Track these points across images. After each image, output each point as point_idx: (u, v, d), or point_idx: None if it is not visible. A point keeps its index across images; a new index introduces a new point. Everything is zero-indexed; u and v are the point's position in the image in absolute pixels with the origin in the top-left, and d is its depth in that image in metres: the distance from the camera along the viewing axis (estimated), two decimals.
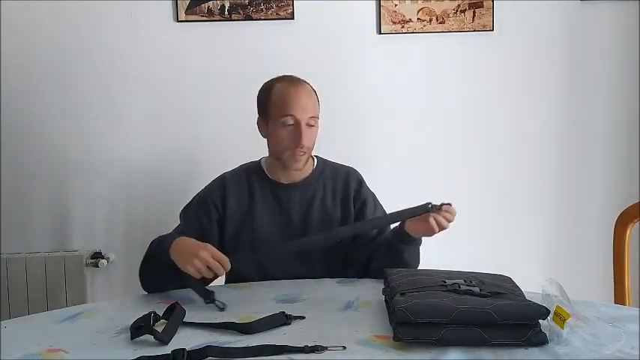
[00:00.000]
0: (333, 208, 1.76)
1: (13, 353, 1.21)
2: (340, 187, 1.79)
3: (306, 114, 1.67)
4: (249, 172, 1.79)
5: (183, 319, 1.33)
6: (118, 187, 2.38)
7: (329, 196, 1.77)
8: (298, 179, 1.76)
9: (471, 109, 2.49)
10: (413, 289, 1.27)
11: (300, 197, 1.75)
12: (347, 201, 1.78)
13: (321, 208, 1.76)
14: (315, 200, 1.76)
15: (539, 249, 2.57)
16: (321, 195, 1.77)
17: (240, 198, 1.75)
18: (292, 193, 1.75)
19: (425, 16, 2.39)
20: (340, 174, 1.81)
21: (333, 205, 1.77)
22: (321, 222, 1.74)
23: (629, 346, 1.16)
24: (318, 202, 1.76)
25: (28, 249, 2.33)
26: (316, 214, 1.75)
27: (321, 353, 1.17)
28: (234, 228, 1.73)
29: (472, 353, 1.15)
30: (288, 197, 1.75)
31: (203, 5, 2.31)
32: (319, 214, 1.75)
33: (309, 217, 1.74)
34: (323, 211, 1.75)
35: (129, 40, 2.32)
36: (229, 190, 1.75)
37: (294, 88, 1.69)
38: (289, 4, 2.33)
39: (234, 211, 1.74)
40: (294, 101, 1.67)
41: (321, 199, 1.77)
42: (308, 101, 1.68)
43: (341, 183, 1.79)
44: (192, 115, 2.38)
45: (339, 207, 1.77)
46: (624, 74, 2.50)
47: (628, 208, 1.71)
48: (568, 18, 2.47)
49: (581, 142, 2.55)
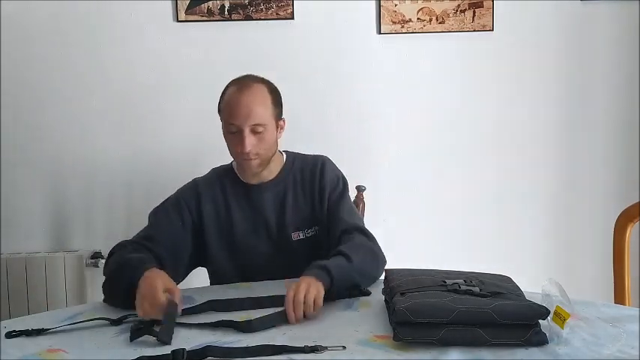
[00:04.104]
0: (304, 202, 1.75)
1: (13, 353, 1.21)
2: (308, 179, 1.76)
3: (249, 121, 1.62)
4: (220, 176, 1.77)
5: (179, 316, 1.32)
6: (118, 187, 2.38)
7: (299, 190, 1.75)
8: (267, 179, 1.74)
9: (470, 109, 2.48)
10: (413, 289, 1.27)
11: (273, 197, 1.74)
12: (314, 186, 1.75)
13: (293, 204, 1.74)
14: (287, 197, 1.74)
15: (539, 249, 2.57)
16: (292, 191, 1.75)
17: (216, 203, 1.73)
18: (264, 194, 1.73)
19: (425, 16, 2.39)
20: (307, 164, 1.78)
21: (304, 199, 1.75)
22: (296, 217, 1.73)
23: (629, 346, 1.16)
24: (290, 198, 1.74)
25: (28, 249, 2.33)
26: (290, 210, 1.73)
27: (321, 353, 1.17)
28: (213, 234, 1.71)
29: (472, 353, 1.15)
30: (260, 198, 1.73)
31: (203, 5, 2.31)
32: (293, 210, 1.73)
33: (284, 215, 1.73)
34: (295, 207, 1.74)
35: (129, 40, 2.32)
36: (204, 195, 1.73)
37: (239, 94, 1.64)
38: (289, 4, 2.33)
39: (212, 217, 1.72)
40: (236, 108, 1.63)
41: (293, 195, 1.74)
42: (254, 107, 1.62)
43: (308, 174, 1.76)
44: (192, 115, 2.38)
45: (309, 196, 1.75)
46: (624, 74, 2.50)
47: (628, 208, 1.71)
48: (568, 18, 2.47)
49: (582, 141, 2.55)
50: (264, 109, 1.64)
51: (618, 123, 2.54)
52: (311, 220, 1.73)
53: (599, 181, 2.56)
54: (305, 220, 1.73)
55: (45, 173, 2.35)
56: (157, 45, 2.33)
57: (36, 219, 2.37)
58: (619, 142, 2.55)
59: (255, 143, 1.64)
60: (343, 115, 2.42)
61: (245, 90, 1.65)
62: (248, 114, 1.62)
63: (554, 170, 2.56)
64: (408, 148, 2.47)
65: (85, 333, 1.31)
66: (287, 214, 1.73)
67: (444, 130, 2.49)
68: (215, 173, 1.80)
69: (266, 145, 1.66)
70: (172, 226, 1.69)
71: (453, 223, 2.50)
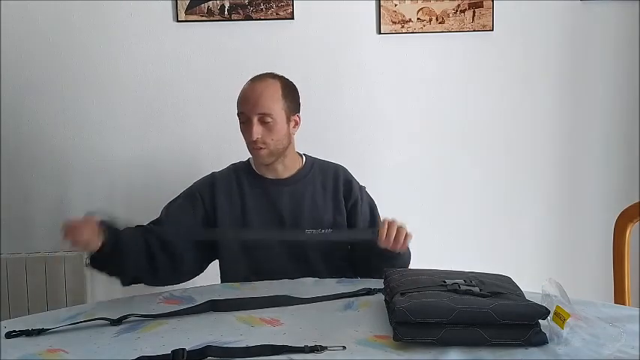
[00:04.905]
0: (324, 203, 1.77)
1: (13, 353, 1.21)
2: (330, 183, 1.80)
3: (255, 110, 1.68)
4: (237, 171, 1.81)
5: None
6: (118, 187, 2.38)
7: (319, 191, 1.78)
8: (284, 175, 1.78)
9: (470, 109, 2.49)
10: (413, 289, 1.27)
11: (290, 193, 1.76)
12: (337, 197, 1.79)
13: (311, 203, 1.76)
14: (306, 196, 1.77)
15: (539, 249, 2.57)
16: (311, 191, 1.78)
17: (231, 196, 1.76)
18: (281, 190, 1.76)
19: (425, 16, 2.39)
20: (329, 170, 1.83)
21: (323, 201, 1.78)
22: (313, 217, 1.75)
23: (629, 346, 1.16)
24: (308, 198, 1.77)
25: (28, 249, 2.33)
26: (307, 209, 1.76)
27: (321, 353, 1.17)
28: (227, 226, 1.73)
29: (472, 353, 1.15)
30: (277, 193, 1.76)
31: (203, 5, 2.31)
32: (310, 209, 1.76)
33: (300, 213, 1.75)
34: (314, 207, 1.76)
35: (129, 40, 2.32)
36: (219, 188, 1.76)
37: (251, 85, 1.71)
38: (289, 4, 2.33)
39: (227, 210, 1.74)
40: (245, 98, 1.70)
41: (312, 194, 1.77)
42: (262, 97, 1.68)
43: (331, 179, 1.81)
44: (192, 116, 2.38)
45: (330, 202, 1.78)
46: (624, 74, 2.50)
47: (628, 208, 1.71)
48: (568, 18, 2.47)
49: (582, 141, 2.55)
50: (272, 100, 1.69)
51: (618, 123, 2.54)
52: (327, 222, 1.76)
53: (599, 181, 2.56)
54: (320, 220, 1.75)
55: (45, 173, 2.35)
56: (156, 45, 2.33)
57: (36, 219, 2.37)
58: (619, 142, 2.55)
59: (263, 133, 1.68)
60: (343, 115, 2.41)
61: (257, 81, 1.72)
62: (255, 102, 1.68)
63: (554, 170, 2.56)
64: (408, 148, 2.47)
65: (85, 333, 1.31)
66: (303, 212, 1.75)
67: (444, 130, 2.49)
68: (233, 167, 1.83)
69: (275, 137, 1.70)
70: (183, 214, 1.73)
71: (453, 223, 2.50)
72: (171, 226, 1.70)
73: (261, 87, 1.70)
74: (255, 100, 1.68)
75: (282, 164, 1.76)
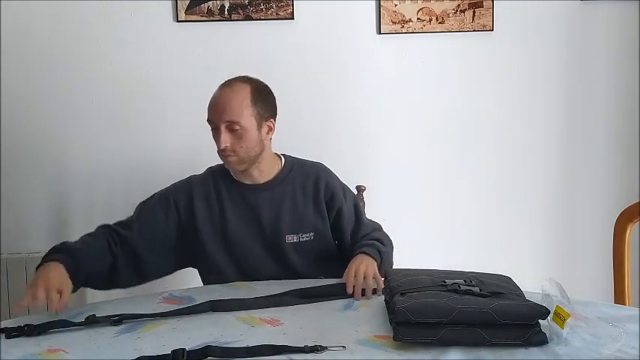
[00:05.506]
0: (304, 207, 1.75)
1: (13, 353, 1.21)
2: (311, 187, 1.76)
3: (223, 117, 1.63)
4: (215, 175, 1.78)
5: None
6: (118, 187, 2.38)
7: (299, 194, 1.75)
8: (261, 180, 1.74)
9: (470, 109, 2.48)
10: (413, 289, 1.27)
11: (269, 198, 1.73)
12: (318, 201, 1.76)
13: (291, 207, 1.74)
14: (285, 200, 1.73)
15: (539, 249, 2.57)
16: (291, 194, 1.75)
17: (208, 201, 1.73)
18: (260, 195, 1.73)
19: (425, 16, 2.39)
20: (310, 174, 1.78)
21: (304, 204, 1.75)
22: (293, 222, 1.73)
23: (629, 346, 1.16)
24: (288, 202, 1.74)
25: (28, 249, 2.33)
26: (287, 213, 1.73)
27: (321, 353, 1.17)
28: (208, 231, 1.71)
29: (472, 353, 1.15)
30: (255, 198, 1.73)
31: (203, 5, 2.31)
32: (291, 213, 1.73)
33: (280, 217, 1.72)
34: (294, 211, 1.74)
35: (129, 40, 2.32)
36: (196, 192, 1.73)
37: (219, 92, 1.68)
38: (289, 4, 2.33)
39: (205, 214, 1.71)
40: (213, 105, 1.67)
41: (292, 198, 1.74)
42: (229, 105, 1.64)
43: (311, 183, 1.77)
44: (192, 116, 2.36)
45: (310, 204, 1.75)
46: (624, 74, 2.50)
47: (628, 208, 1.71)
48: (568, 18, 2.47)
49: (582, 141, 2.55)
50: (241, 107, 1.64)
51: (618, 123, 2.54)
52: (308, 225, 1.73)
53: (599, 181, 2.56)
54: (301, 224, 1.73)
55: (45, 173, 2.35)
56: (156, 45, 2.33)
57: (36, 219, 2.37)
58: (619, 142, 2.55)
59: (232, 141, 1.64)
60: (343, 115, 2.41)
61: (225, 88, 1.68)
62: (223, 110, 1.64)
63: (554, 170, 2.56)
64: (407, 147, 2.47)
65: (85, 333, 1.31)
66: (282, 217, 1.72)
67: (443, 130, 2.48)
68: (210, 171, 1.80)
69: (245, 144, 1.65)
70: (154, 219, 1.70)
71: (453, 223, 2.50)
72: (141, 233, 1.67)
73: (229, 94, 1.65)
74: (223, 107, 1.64)
75: (258, 170, 1.72)
